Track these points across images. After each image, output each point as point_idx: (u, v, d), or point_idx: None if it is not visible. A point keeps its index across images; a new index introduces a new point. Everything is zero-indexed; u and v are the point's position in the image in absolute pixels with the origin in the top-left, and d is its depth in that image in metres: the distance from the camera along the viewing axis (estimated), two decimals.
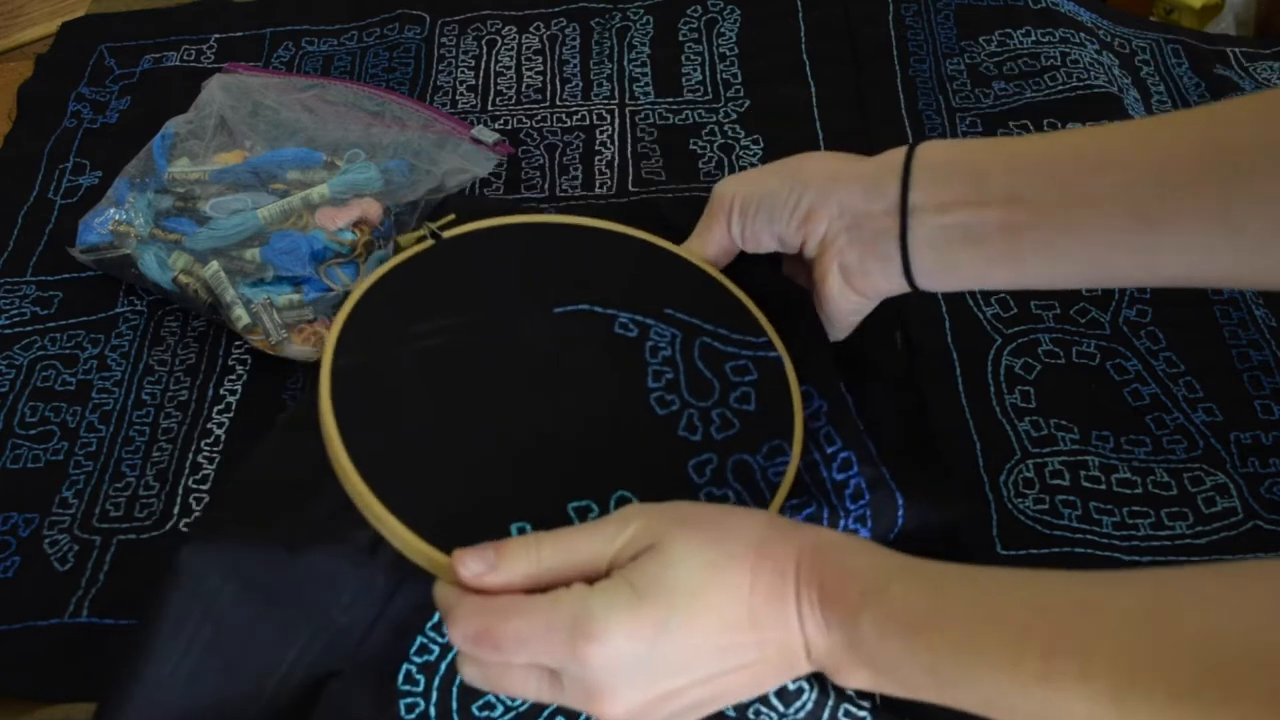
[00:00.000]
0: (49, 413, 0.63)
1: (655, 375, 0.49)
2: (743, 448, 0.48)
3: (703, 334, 0.51)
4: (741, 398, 0.49)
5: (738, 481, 0.47)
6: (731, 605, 0.39)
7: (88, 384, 0.64)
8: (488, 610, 0.39)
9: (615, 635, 0.38)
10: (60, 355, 0.66)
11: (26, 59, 0.86)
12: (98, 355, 0.66)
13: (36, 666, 0.53)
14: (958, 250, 0.47)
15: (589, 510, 0.44)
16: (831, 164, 0.50)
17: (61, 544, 0.58)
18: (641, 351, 0.50)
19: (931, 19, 0.80)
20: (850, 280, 0.50)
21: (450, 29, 0.84)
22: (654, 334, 0.51)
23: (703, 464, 0.47)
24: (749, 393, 0.50)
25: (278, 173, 0.68)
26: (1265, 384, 0.58)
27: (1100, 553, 0.52)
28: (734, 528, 0.40)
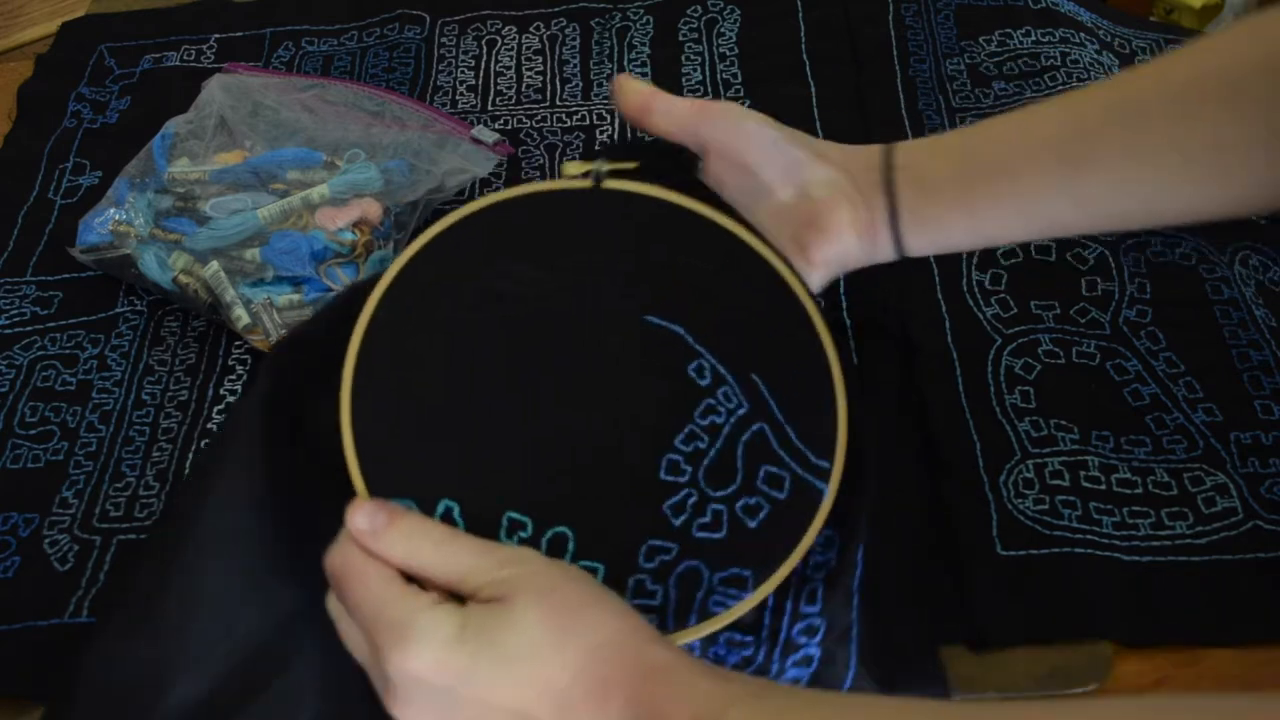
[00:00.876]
0: (49, 413, 0.63)
1: (689, 437, 0.45)
2: (708, 558, 0.43)
3: (770, 422, 0.45)
4: (751, 509, 0.44)
5: (677, 587, 0.43)
6: (539, 693, 0.38)
7: (88, 384, 0.64)
8: (351, 562, 0.40)
9: (422, 660, 0.38)
10: (60, 355, 0.66)
11: (26, 59, 0.86)
12: (98, 355, 0.66)
13: (37, 666, 0.53)
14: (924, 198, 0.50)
15: (521, 527, 0.43)
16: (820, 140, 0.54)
17: (61, 544, 0.58)
18: (695, 405, 0.45)
19: (931, 19, 0.80)
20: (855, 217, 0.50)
21: (450, 29, 0.84)
22: (721, 394, 0.46)
23: (657, 549, 0.43)
24: (763, 507, 0.44)
25: (278, 173, 0.68)
26: (1265, 384, 0.58)
27: (1100, 553, 0.53)
28: (586, 624, 0.39)
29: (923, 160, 0.51)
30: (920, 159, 0.51)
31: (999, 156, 0.49)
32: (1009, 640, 0.51)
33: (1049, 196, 0.49)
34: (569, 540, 0.43)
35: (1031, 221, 0.51)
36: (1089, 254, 0.64)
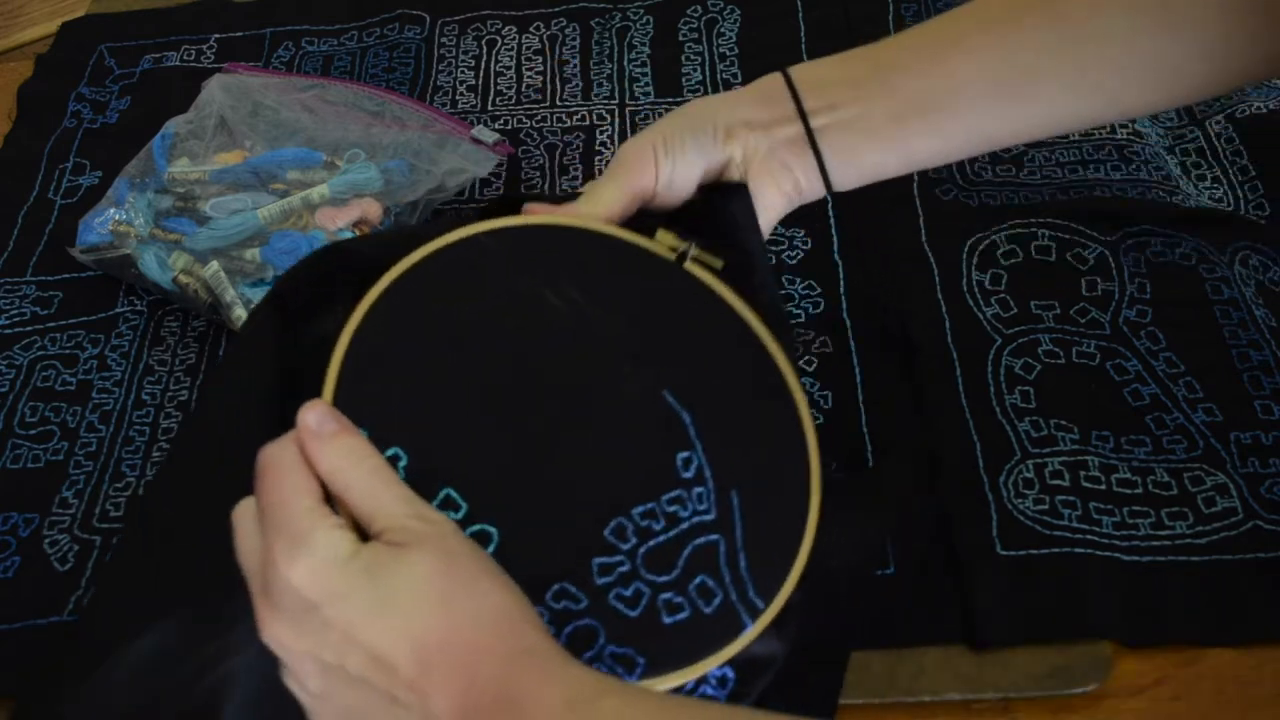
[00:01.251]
0: (49, 413, 0.63)
1: (647, 514, 0.44)
2: (611, 627, 0.42)
3: (728, 540, 0.44)
4: (673, 606, 0.43)
5: (569, 640, 0.42)
6: (405, 644, 0.37)
7: (88, 384, 0.64)
8: (283, 460, 0.40)
9: (301, 569, 0.38)
10: (60, 355, 0.66)
11: (26, 59, 0.86)
12: (98, 355, 0.66)
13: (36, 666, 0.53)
14: (856, 143, 0.52)
15: (454, 507, 0.42)
16: (716, 97, 0.55)
17: (61, 544, 0.58)
18: (667, 490, 0.44)
19: None
20: (779, 184, 0.52)
21: (450, 29, 0.84)
22: (695, 493, 0.45)
23: (567, 594, 0.43)
24: (684, 610, 0.43)
25: (278, 173, 0.68)
26: (1265, 384, 0.58)
27: (1100, 553, 0.52)
28: (475, 592, 0.38)
29: (840, 98, 0.51)
30: (836, 97, 0.51)
31: (934, 94, 0.51)
32: (1009, 640, 0.51)
33: (987, 125, 0.52)
34: (490, 542, 0.42)
35: (965, 148, 0.54)
36: (1089, 254, 0.64)
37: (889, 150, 0.52)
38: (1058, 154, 0.70)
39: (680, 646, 0.42)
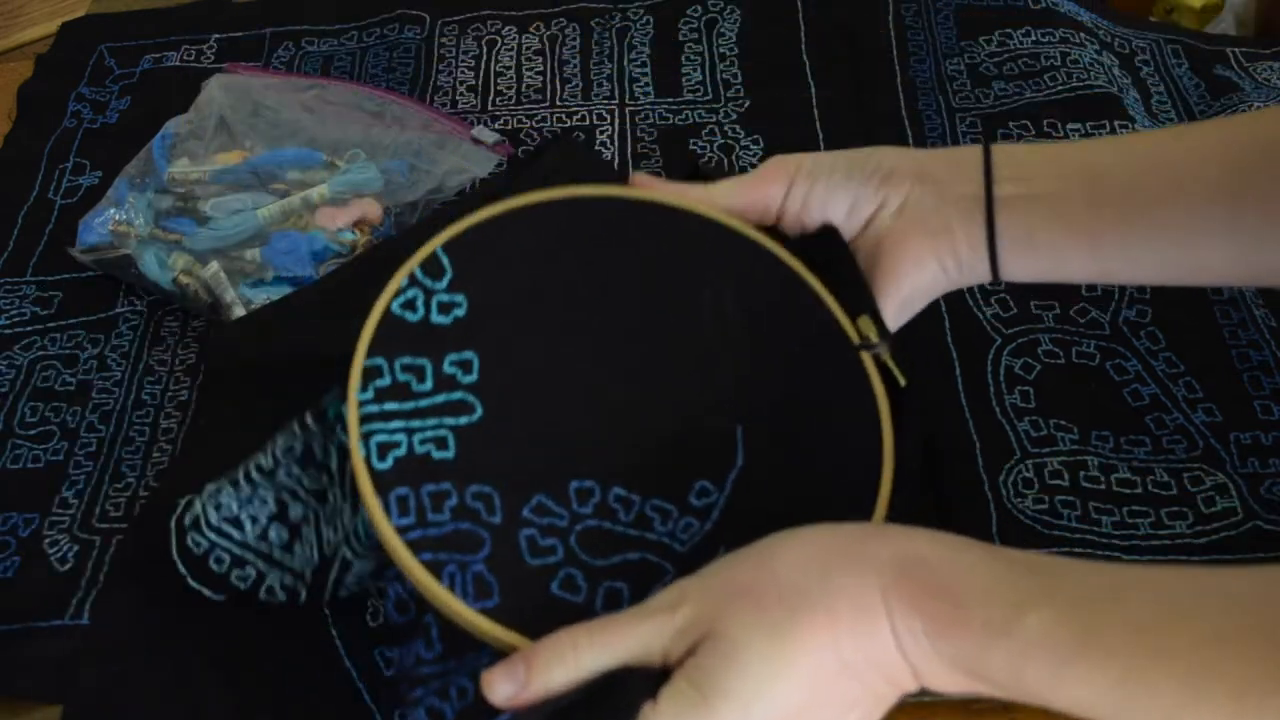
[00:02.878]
0: (49, 413, 0.63)
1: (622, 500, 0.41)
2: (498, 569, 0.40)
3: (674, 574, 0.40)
4: (573, 587, 0.40)
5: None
6: (815, 669, 0.35)
7: (88, 384, 0.64)
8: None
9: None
10: (60, 355, 0.66)
11: (26, 59, 0.86)
12: (98, 355, 0.66)
13: (36, 667, 0.53)
14: (1039, 220, 0.45)
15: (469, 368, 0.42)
16: (898, 148, 0.48)
17: (61, 544, 0.58)
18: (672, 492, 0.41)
19: (931, 19, 0.80)
20: (935, 247, 0.46)
21: (450, 29, 0.84)
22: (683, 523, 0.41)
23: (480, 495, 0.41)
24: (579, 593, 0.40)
25: (278, 173, 0.68)
26: (1265, 384, 0.58)
27: (1100, 552, 0.52)
28: (791, 578, 0.35)
29: (1035, 173, 0.44)
30: (1032, 171, 0.44)
31: (1144, 192, 0.43)
32: None
33: (1199, 237, 0.43)
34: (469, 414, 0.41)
35: (1171, 264, 0.44)
36: None
37: (1074, 242, 0.44)
38: None
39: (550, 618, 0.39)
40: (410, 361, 0.42)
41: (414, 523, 0.39)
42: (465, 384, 0.42)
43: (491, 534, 0.40)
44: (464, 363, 0.42)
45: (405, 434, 0.41)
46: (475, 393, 0.42)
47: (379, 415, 0.41)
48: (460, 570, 0.39)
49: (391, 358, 0.42)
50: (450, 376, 0.42)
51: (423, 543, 0.39)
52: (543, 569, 0.39)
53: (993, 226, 0.45)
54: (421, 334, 0.43)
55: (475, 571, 0.39)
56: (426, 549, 0.39)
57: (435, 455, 0.41)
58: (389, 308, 0.43)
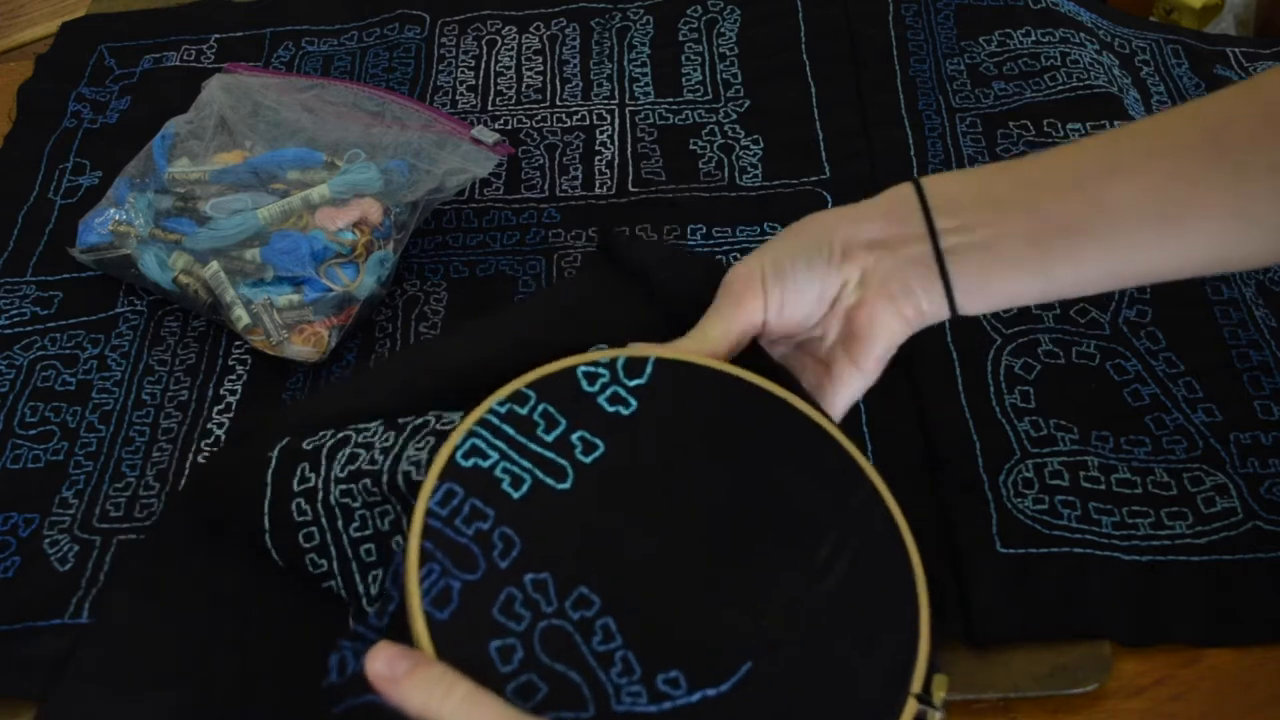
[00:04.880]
0: (49, 413, 0.63)
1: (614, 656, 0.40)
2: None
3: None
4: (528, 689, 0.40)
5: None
6: None
7: (88, 384, 0.64)
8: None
9: None
10: (60, 355, 0.66)
11: (26, 59, 0.86)
12: (98, 355, 0.66)
13: (36, 667, 0.53)
14: (989, 267, 0.47)
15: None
16: (838, 211, 0.50)
17: (61, 544, 0.58)
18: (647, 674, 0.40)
19: (931, 19, 0.80)
20: (899, 308, 0.48)
21: (450, 29, 0.84)
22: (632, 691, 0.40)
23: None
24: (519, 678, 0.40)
25: (278, 173, 0.68)
26: (1265, 384, 0.58)
27: (1100, 552, 0.53)
28: None
29: (975, 219, 0.47)
30: (972, 217, 0.47)
31: (1081, 219, 0.46)
32: (1009, 639, 0.51)
33: (1139, 253, 0.46)
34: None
35: (1110, 279, 0.48)
36: None
37: (1025, 277, 0.47)
38: None
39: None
40: (556, 412, 0.44)
41: (446, 517, 0.41)
42: (576, 460, 0.44)
43: (488, 570, 0.41)
44: (591, 445, 0.44)
45: (500, 456, 0.43)
46: (578, 471, 0.43)
47: (494, 430, 0.44)
48: (442, 575, 0.40)
49: (543, 399, 0.45)
50: (573, 446, 0.44)
51: (437, 534, 0.41)
52: (498, 626, 0.40)
53: (948, 284, 0.48)
54: (583, 403, 0.45)
55: (451, 584, 0.40)
56: (433, 539, 0.41)
57: (504, 488, 0.42)
58: (577, 367, 0.46)
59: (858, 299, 0.49)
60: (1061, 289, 0.48)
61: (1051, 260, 0.47)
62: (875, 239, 0.48)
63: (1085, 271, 0.47)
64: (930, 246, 0.47)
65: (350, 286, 0.64)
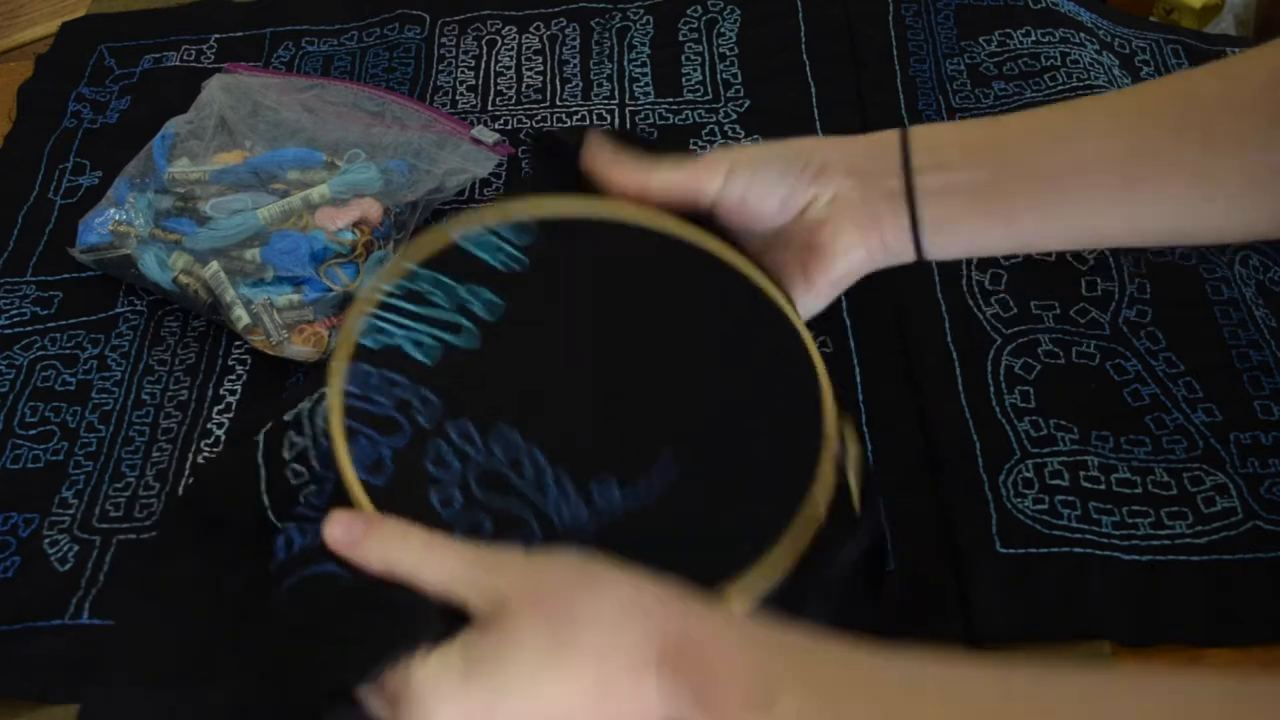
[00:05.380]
0: (49, 413, 0.63)
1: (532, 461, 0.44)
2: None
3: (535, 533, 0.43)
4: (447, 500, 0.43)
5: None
6: (570, 698, 0.37)
7: (88, 384, 0.64)
8: None
9: (438, 714, 0.37)
10: (60, 355, 0.66)
11: (26, 59, 0.86)
12: (98, 355, 0.66)
13: (36, 667, 0.53)
14: (957, 208, 0.49)
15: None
16: (824, 138, 0.52)
17: (61, 544, 0.58)
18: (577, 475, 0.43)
19: (931, 19, 0.80)
20: (864, 236, 0.49)
21: (450, 29, 0.84)
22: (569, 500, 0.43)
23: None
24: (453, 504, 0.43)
25: (278, 173, 0.68)
26: (1265, 384, 0.58)
27: (1100, 552, 0.52)
28: (588, 613, 0.37)
29: (950, 160, 0.49)
30: (947, 158, 0.49)
31: (1049, 171, 0.48)
32: (1008, 639, 0.51)
33: (1100, 212, 0.48)
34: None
35: (1075, 237, 0.50)
36: (1089, 254, 0.64)
37: (991, 223, 0.49)
38: None
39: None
40: (447, 281, 0.47)
41: (361, 394, 0.44)
42: (479, 317, 0.46)
43: (413, 431, 0.43)
44: (491, 305, 0.46)
45: (404, 335, 0.45)
46: (482, 328, 0.46)
47: (393, 309, 0.46)
48: (370, 445, 0.43)
49: (438, 269, 0.47)
50: (468, 306, 0.46)
51: (356, 411, 0.43)
52: (433, 478, 0.42)
53: (916, 219, 0.49)
54: (472, 266, 0.47)
55: (380, 453, 0.43)
56: (355, 416, 0.43)
57: (414, 356, 0.45)
58: (456, 239, 0.48)
59: (825, 217, 0.49)
60: (1026, 239, 0.50)
61: (1017, 209, 0.48)
62: (853, 166, 0.49)
63: (1048, 225, 0.49)
64: (903, 182, 0.49)
65: (350, 286, 0.64)
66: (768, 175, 0.49)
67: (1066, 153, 0.48)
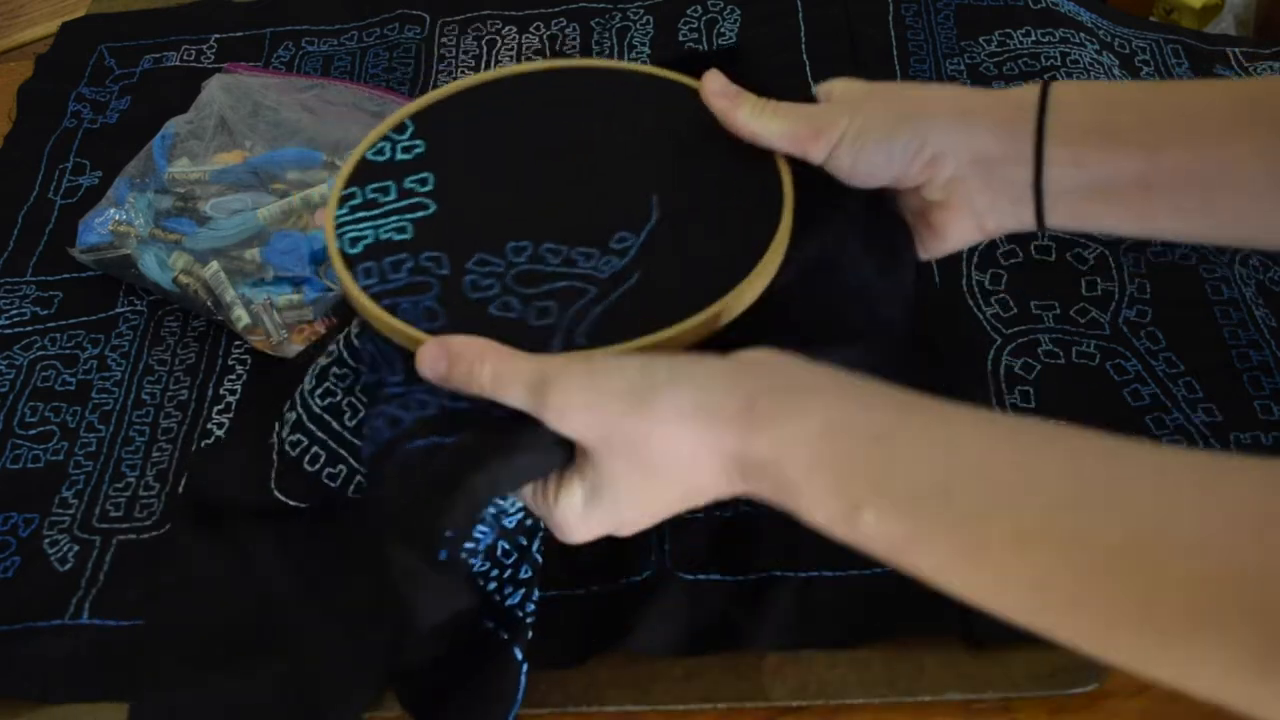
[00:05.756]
0: (49, 413, 0.63)
1: (552, 251, 0.49)
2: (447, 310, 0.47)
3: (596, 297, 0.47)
4: (505, 305, 0.47)
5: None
6: (673, 500, 0.42)
7: (88, 384, 0.64)
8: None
9: (577, 531, 0.43)
10: (60, 355, 0.66)
11: (26, 59, 0.86)
12: (98, 355, 0.66)
13: (36, 667, 0.53)
14: (1090, 201, 0.46)
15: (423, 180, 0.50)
16: (952, 99, 0.47)
17: (61, 544, 0.58)
18: (594, 241, 0.48)
19: (931, 19, 0.80)
20: (979, 221, 0.48)
21: (450, 29, 0.84)
22: (604, 261, 0.48)
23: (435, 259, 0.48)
24: (511, 310, 0.47)
25: (278, 173, 0.68)
26: (1265, 384, 0.58)
27: None
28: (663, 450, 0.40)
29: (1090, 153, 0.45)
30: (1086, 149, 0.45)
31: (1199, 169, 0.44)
32: (1009, 639, 0.51)
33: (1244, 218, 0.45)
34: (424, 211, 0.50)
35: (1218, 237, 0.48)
36: (1089, 254, 0.64)
37: (1124, 217, 0.46)
38: None
39: (500, 337, 0.45)
40: (378, 184, 0.51)
41: (376, 282, 0.47)
42: (423, 192, 0.50)
43: (440, 281, 0.47)
44: (421, 179, 0.51)
45: (373, 229, 0.49)
46: (431, 197, 0.50)
47: (351, 221, 0.50)
48: (413, 306, 0.46)
49: (364, 185, 0.51)
50: (410, 189, 0.50)
51: (383, 294, 0.47)
52: (482, 299, 0.47)
53: (1041, 209, 0.46)
54: (388, 167, 0.51)
55: (425, 306, 0.46)
56: (386, 297, 0.47)
57: (396, 238, 0.49)
58: (364, 155, 0.52)
59: (941, 199, 0.47)
60: (1159, 233, 0.48)
61: (1156, 207, 0.45)
62: (978, 154, 0.46)
63: (1189, 224, 0.46)
64: (1032, 173, 0.45)
65: None
66: (876, 156, 0.46)
67: (1222, 153, 0.44)
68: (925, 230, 0.49)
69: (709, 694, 0.51)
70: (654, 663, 0.51)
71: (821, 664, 0.51)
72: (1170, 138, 0.44)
